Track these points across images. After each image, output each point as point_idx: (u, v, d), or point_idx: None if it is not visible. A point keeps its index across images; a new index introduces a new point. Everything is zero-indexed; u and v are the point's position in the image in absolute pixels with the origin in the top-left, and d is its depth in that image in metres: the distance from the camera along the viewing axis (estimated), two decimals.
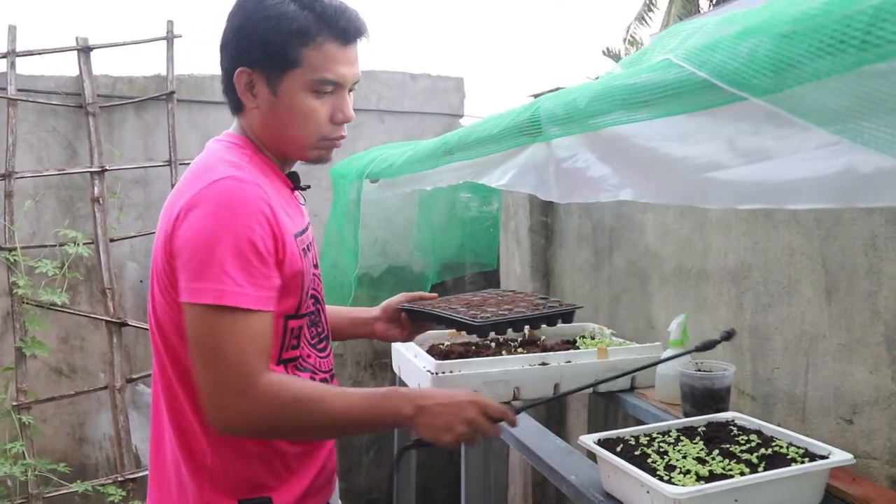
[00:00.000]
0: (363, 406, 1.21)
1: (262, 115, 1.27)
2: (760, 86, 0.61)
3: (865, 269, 1.59)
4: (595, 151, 1.05)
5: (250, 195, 1.17)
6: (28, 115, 3.36)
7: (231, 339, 1.13)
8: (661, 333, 2.30)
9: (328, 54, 1.22)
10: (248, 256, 1.13)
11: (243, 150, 1.29)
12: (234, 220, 1.14)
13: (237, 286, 1.12)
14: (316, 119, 1.25)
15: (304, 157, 1.31)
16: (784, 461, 1.35)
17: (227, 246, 1.12)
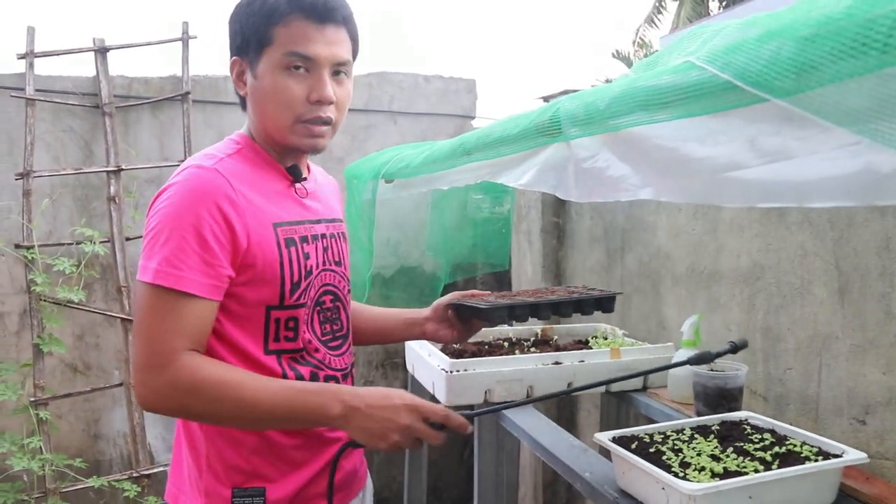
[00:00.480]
0: (286, 398, 1.17)
1: (251, 101, 1.30)
2: (783, 87, 0.62)
3: (879, 270, 1.60)
4: (615, 151, 1.07)
5: (205, 183, 1.20)
6: (45, 115, 3.40)
7: (156, 317, 1.16)
8: (674, 334, 2.31)
9: (298, 31, 1.24)
10: (190, 241, 1.16)
11: (235, 143, 1.33)
12: (184, 207, 1.17)
13: (171, 268, 1.15)
14: (288, 97, 1.24)
15: (287, 140, 1.29)
16: (798, 459, 1.36)
17: (172, 230, 1.16)
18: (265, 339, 1.28)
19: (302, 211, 1.35)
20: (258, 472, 1.28)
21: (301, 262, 1.30)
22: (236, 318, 1.26)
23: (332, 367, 1.38)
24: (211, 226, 1.17)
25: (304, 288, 1.31)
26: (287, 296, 1.27)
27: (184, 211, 1.17)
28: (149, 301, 1.17)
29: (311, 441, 1.33)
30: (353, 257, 3.14)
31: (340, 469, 1.34)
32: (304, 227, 1.33)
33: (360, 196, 2.82)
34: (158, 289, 1.16)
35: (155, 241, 1.18)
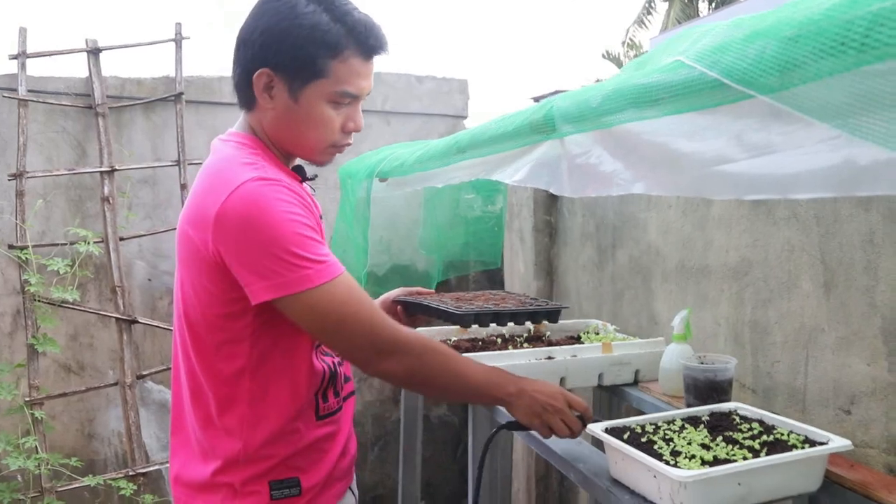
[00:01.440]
0: (482, 374, 1.37)
1: (277, 117, 1.30)
2: (767, 84, 0.66)
3: (863, 264, 1.64)
4: (607, 148, 1.10)
5: (279, 190, 1.22)
6: (38, 116, 3.41)
7: (362, 301, 1.26)
8: (664, 329, 2.35)
9: (353, 68, 1.26)
10: (309, 235, 1.21)
11: (254, 151, 1.31)
12: (279, 215, 1.19)
13: (328, 258, 1.23)
14: (331, 128, 1.30)
15: (310, 159, 1.37)
16: (785, 447, 1.40)
17: (286, 236, 1.18)
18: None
19: (317, 209, 1.39)
20: (292, 464, 1.34)
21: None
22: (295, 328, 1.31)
23: (330, 353, 1.46)
24: (308, 222, 1.27)
25: None
26: None
27: (282, 218, 1.24)
28: (342, 294, 1.26)
29: (334, 430, 1.43)
30: (348, 256, 3.18)
31: (348, 453, 1.47)
32: (320, 224, 1.37)
33: (355, 195, 2.84)
34: (339, 280, 1.25)
35: (276, 255, 1.22)
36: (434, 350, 1.33)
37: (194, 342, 1.31)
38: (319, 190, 1.64)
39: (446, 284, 4.03)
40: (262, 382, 1.30)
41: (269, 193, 1.20)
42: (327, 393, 1.42)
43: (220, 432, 1.32)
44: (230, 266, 1.20)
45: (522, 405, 1.38)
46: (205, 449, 1.35)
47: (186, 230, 1.27)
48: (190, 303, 1.29)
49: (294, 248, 1.18)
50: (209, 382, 1.31)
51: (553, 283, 3.26)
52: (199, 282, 1.26)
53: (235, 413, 1.30)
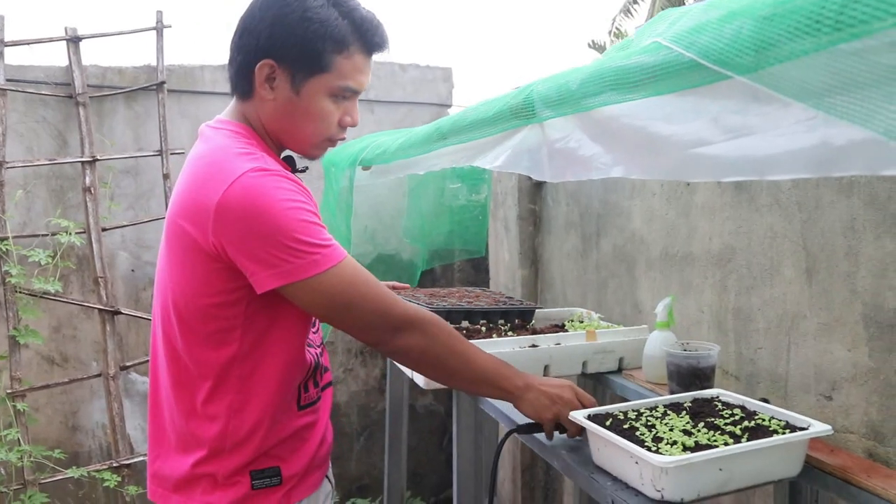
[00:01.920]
0: (491, 362, 1.40)
1: (276, 108, 1.30)
2: (743, 64, 0.65)
3: (844, 250, 1.64)
4: (586, 132, 1.10)
5: (279, 180, 1.23)
6: (17, 106, 3.37)
7: (371, 285, 1.28)
8: (648, 317, 2.35)
9: (356, 64, 1.29)
10: (312, 221, 1.23)
11: (248, 140, 1.31)
12: (282, 204, 1.20)
13: (332, 243, 1.24)
14: (329, 121, 1.31)
15: (304, 152, 1.37)
16: (766, 433, 1.40)
17: (290, 224, 1.19)
18: (310, 327, 1.40)
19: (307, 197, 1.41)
20: (273, 454, 1.34)
21: None
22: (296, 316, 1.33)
23: (315, 344, 1.48)
24: (310, 208, 1.29)
25: None
26: None
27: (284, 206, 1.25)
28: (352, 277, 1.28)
29: (313, 420, 1.43)
30: None
31: (325, 442, 1.47)
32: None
33: (338, 184, 2.83)
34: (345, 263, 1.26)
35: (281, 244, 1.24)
36: (447, 331, 1.36)
37: (182, 331, 1.30)
38: (303, 180, 1.62)
39: (431, 273, 4.03)
40: (252, 370, 1.30)
41: (270, 183, 1.21)
42: (307, 383, 1.43)
43: (203, 421, 1.32)
44: (233, 257, 1.20)
45: (529, 400, 1.40)
46: (186, 440, 1.34)
47: (179, 222, 1.25)
48: (179, 292, 1.28)
49: (300, 234, 1.19)
50: (198, 370, 1.30)
51: (538, 272, 3.26)
52: (193, 272, 1.25)
53: (223, 401, 1.30)
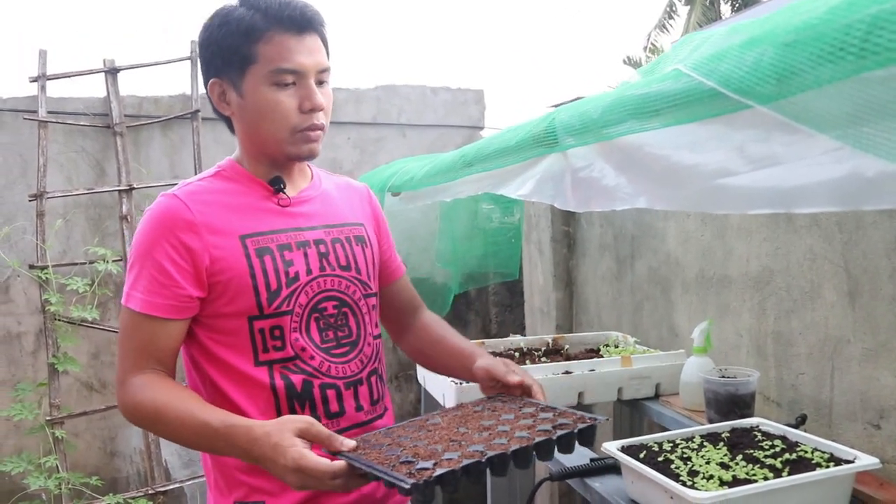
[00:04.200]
0: (204, 438, 1.19)
1: (238, 122, 1.34)
2: (765, 93, 0.62)
3: (889, 272, 1.58)
4: (610, 161, 1.07)
5: (163, 210, 1.29)
6: (57, 137, 3.44)
7: (123, 337, 1.28)
8: (685, 341, 2.29)
9: (282, 45, 1.26)
10: (147, 267, 1.26)
11: (218, 166, 1.39)
12: (143, 235, 1.28)
13: (134, 291, 1.26)
14: (282, 111, 1.28)
15: (284, 151, 1.32)
16: (809, 466, 1.34)
17: (136, 257, 1.28)
18: (254, 351, 1.31)
19: (283, 220, 1.36)
20: (259, 487, 1.30)
21: (281, 269, 1.32)
22: (223, 334, 1.31)
23: (330, 374, 1.35)
24: (166, 250, 1.26)
25: (288, 295, 1.32)
26: (265, 304, 1.30)
27: (143, 239, 1.29)
28: (123, 322, 1.29)
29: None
30: None
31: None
32: (286, 234, 1.35)
33: None
34: (128, 311, 1.27)
35: (130, 268, 1.31)
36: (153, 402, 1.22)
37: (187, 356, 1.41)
38: None
39: (465, 296, 4.00)
40: (211, 400, 1.30)
41: (154, 213, 1.30)
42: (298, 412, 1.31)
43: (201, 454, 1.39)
44: None
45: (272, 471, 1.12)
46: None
47: None
48: None
49: (131, 265, 1.29)
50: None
51: (573, 295, 3.21)
52: None
53: None
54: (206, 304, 1.30)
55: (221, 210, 1.32)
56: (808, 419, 1.75)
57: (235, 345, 1.31)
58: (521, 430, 1.12)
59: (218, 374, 1.32)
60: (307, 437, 1.12)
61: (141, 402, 1.23)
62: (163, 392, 1.24)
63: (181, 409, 1.21)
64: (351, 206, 1.50)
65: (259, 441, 1.11)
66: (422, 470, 1.00)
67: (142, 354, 1.27)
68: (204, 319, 1.31)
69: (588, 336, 2.53)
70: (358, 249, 1.44)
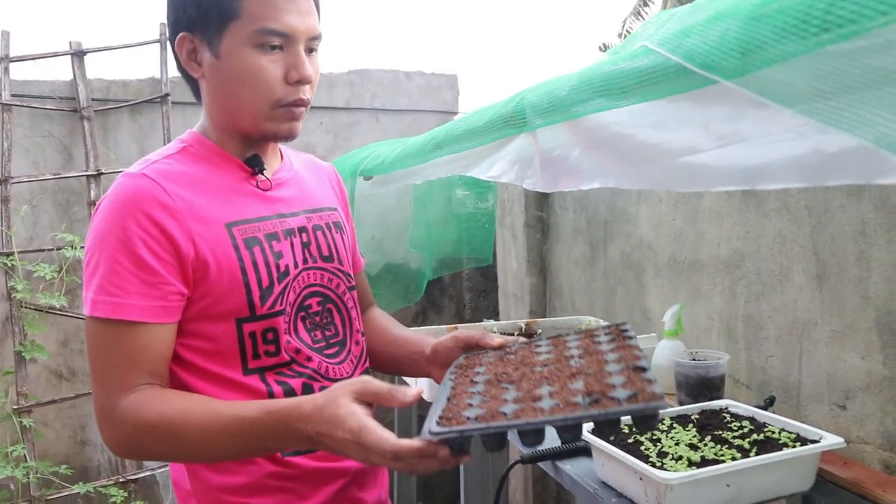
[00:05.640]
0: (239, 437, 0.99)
1: (210, 86, 1.13)
2: (729, 68, 0.62)
3: (856, 255, 1.59)
4: (578, 141, 1.06)
5: (132, 192, 1.06)
6: (23, 121, 3.37)
7: (101, 353, 1.04)
8: (657, 325, 2.30)
9: (270, 1, 1.07)
10: (122, 261, 1.03)
11: (181, 142, 1.18)
12: (110, 223, 1.05)
13: (107, 296, 1.02)
14: (265, 79, 1.08)
15: (260, 127, 1.13)
16: (776, 446, 1.35)
17: (102, 251, 1.04)
18: (242, 358, 1.11)
19: (266, 205, 1.18)
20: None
21: (272, 262, 1.13)
22: (205, 340, 1.11)
23: (329, 376, 1.19)
24: (144, 239, 1.04)
25: (280, 292, 1.14)
26: (258, 304, 1.11)
27: (111, 228, 1.04)
28: (93, 336, 1.05)
29: (308, 474, 1.16)
30: None
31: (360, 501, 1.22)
32: (271, 222, 1.16)
33: None
34: (99, 321, 1.03)
35: (88, 267, 1.06)
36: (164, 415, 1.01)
37: None
38: None
39: (439, 282, 4.00)
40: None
41: (122, 195, 1.07)
42: None
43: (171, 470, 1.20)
44: None
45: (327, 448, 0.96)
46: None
47: None
48: None
49: (96, 263, 1.05)
50: None
51: (546, 280, 3.21)
52: None
53: None
54: (186, 305, 1.09)
55: (198, 193, 1.11)
56: (776, 401, 1.77)
57: (219, 352, 1.11)
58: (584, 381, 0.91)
59: (201, 383, 1.11)
60: (366, 398, 0.94)
61: (146, 423, 1.00)
62: (171, 403, 1.02)
63: (201, 414, 1.00)
64: (324, 189, 1.34)
65: (311, 417, 0.93)
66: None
67: (130, 370, 1.03)
68: (180, 324, 1.09)
69: (561, 320, 2.53)
70: (337, 237, 1.27)
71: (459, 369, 1.10)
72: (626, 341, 1.07)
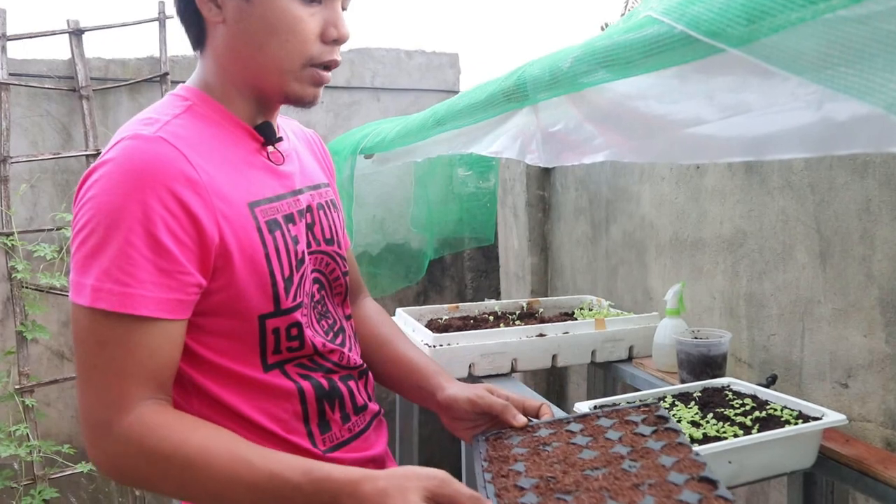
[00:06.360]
0: (263, 489, 0.85)
1: (230, 31, 0.97)
2: (735, 35, 0.60)
3: (859, 233, 1.58)
4: (579, 114, 1.04)
5: (151, 159, 0.89)
6: (21, 100, 3.35)
7: (100, 355, 0.87)
8: (659, 304, 2.30)
9: None
10: (137, 244, 0.86)
11: (182, 99, 1.01)
12: (123, 195, 0.86)
13: (115, 283, 0.85)
14: (302, 32, 0.95)
15: (285, 88, 0.99)
16: (778, 423, 1.35)
17: (110, 229, 0.86)
18: (262, 353, 1.00)
19: (280, 182, 1.05)
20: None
21: (291, 249, 1.01)
22: (220, 337, 0.97)
23: (344, 364, 1.11)
24: (165, 219, 0.87)
25: (299, 282, 1.03)
26: (283, 297, 0.99)
27: (124, 203, 0.86)
28: (89, 332, 0.87)
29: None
30: None
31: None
32: (287, 202, 1.04)
33: (341, 173, 2.79)
34: (100, 314, 0.86)
35: (87, 246, 0.87)
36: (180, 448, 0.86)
37: None
38: None
39: (441, 262, 3.99)
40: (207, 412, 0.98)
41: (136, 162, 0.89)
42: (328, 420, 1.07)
43: None
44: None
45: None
46: None
47: None
48: None
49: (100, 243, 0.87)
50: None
51: (548, 259, 3.21)
52: None
53: None
54: (200, 298, 0.94)
55: (219, 164, 0.95)
56: (778, 379, 1.77)
57: (235, 349, 0.98)
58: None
59: (213, 383, 0.98)
60: (439, 500, 0.81)
61: (157, 452, 0.85)
62: (189, 432, 0.87)
63: (228, 458, 0.85)
64: (317, 162, 1.22)
65: (368, 499, 0.81)
66: None
67: (136, 378, 0.87)
68: (190, 319, 0.94)
69: (562, 300, 2.52)
70: (335, 217, 1.16)
71: (492, 463, 0.97)
72: (669, 432, 0.95)
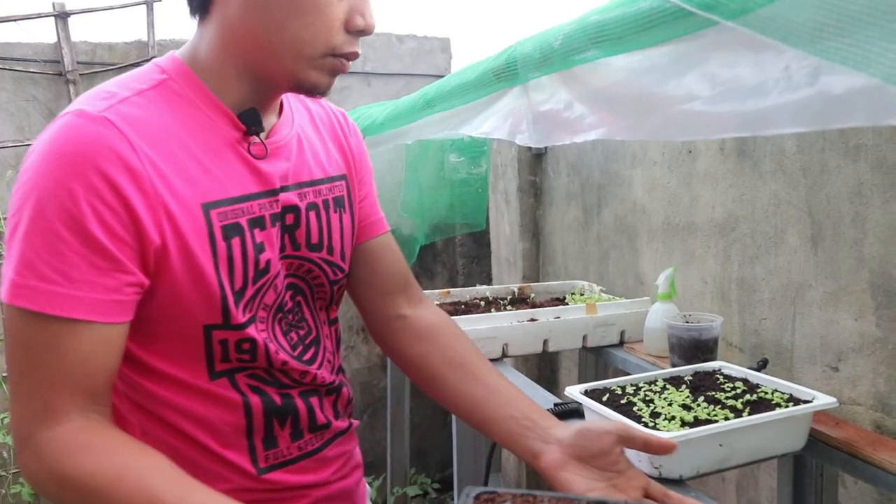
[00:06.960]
0: None
1: (247, 2, 0.84)
2: (730, 7, 0.59)
3: (851, 216, 1.58)
4: (570, 92, 1.03)
5: (85, 141, 0.77)
6: (6, 84, 3.31)
7: (24, 360, 0.77)
8: (651, 289, 2.30)
9: None
10: (65, 236, 0.75)
11: (159, 70, 0.89)
12: (52, 182, 0.76)
13: (39, 280, 0.75)
14: (329, 17, 0.84)
15: (300, 75, 0.88)
16: (768, 406, 1.35)
17: (37, 219, 0.75)
18: (209, 362, 0.90)
19: (256, 179, 0.92)
20: None
21: (250, 257, 0.89)
22: (164, 342, 0.88)
23: (312, 382, 1.02)
24: (98, 210, 0.76)
25: (253, 295, 0.91)
26: (233, 311, 0.88)
27: (51, 188, 0.75)
28: (15, 333, 0.77)
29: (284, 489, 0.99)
30: None
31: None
32: (258, 203, 0.91)
33: None
34: (27, 314, 0.75)
35: (14, 235, 0.76)
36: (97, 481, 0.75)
37: None
38: None
39: (432, 248, 3.98)
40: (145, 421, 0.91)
41: (72, 143, 0.77)
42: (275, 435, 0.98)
43: None
44: None
45: None
46: None
47: None
48: None
49: (24, 233, 0.76)
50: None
51: (539, 245, 3.20)
52: None
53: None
54: (143, 299, 0.84)
55: (175, 154, 0.83)
56: (769, 363, 1.76)
57: (177, 351, 0.89)
58: None
59: (160, 388, 0.90)
60: None
61: (68, 478, 0.75)
62: (106, 461, 0.76)
63: (140, 495, 0.73)
64: (329, 149, 1.08)
65: None
66: None
67: (62, 388, 0.77)
68: (133, 321, 0.84)
69: (554, 285, 2.52)
70: (335, 218, 1.04)
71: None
72: None
